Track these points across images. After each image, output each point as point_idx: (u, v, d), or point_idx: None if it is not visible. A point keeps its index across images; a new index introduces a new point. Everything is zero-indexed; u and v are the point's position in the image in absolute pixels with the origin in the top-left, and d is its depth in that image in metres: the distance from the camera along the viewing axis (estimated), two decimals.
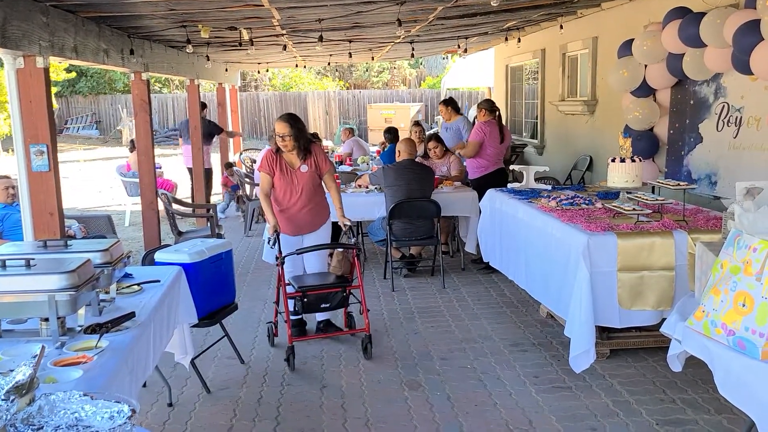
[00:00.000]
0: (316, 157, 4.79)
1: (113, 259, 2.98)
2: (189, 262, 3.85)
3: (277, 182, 4.74)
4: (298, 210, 4.79)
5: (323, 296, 4.56)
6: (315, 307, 4.57)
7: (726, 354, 2.43)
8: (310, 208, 4.82)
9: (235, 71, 13.56)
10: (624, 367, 4.27)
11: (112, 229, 6.65)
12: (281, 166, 4.74)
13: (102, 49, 5.81)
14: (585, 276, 3.94)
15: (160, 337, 3.08)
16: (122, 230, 9.13)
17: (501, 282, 6.26)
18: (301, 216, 4.82)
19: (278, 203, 4.79)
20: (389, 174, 6.29)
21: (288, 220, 4.81)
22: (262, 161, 4.80)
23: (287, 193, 4.76)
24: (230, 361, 4.57)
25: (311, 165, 4.77)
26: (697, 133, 5.64)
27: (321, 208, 4.93)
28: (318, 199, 4.87)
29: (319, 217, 4.91)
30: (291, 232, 4.85)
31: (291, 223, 4.83)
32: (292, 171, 4.75)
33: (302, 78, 28.53)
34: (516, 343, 4.80)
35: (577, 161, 8.67)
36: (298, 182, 4.75)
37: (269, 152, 4.80)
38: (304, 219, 4.83)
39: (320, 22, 6.46)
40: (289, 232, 4.84)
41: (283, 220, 4.79)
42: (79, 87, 25.58)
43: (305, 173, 4.76)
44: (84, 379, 2.18)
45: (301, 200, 4.77)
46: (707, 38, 4.82)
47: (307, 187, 4.77)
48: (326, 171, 4.84)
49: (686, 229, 4.11)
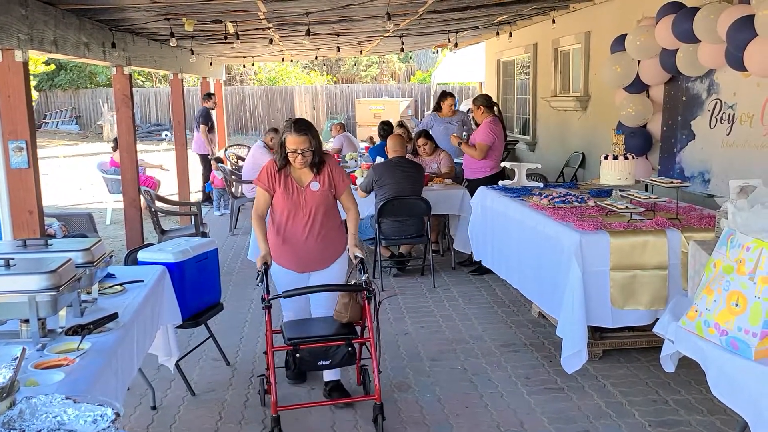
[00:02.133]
0: (331, 171, 3.88)
1: (95, 259, 2.97)
2: (173, 262, 3.85)
3: (279, 202, 3.82)
4: (305, 239, 3.84)
5: (322, 350, 3.57)
6: (312, 365, 3.63)
7: (719, 354, 2.46)
8: (321, 236, 3.86)
9: (219, 65, 13.51)
10: (617, 368, 4.31)
11: (94, 227, 6.62)
12: (286, 183, 3.82)
13: (83, 43, 5.77)
14: (577, 275, 3.97)
15: (144, 339, 3.08)
16: (103, 229, 9.08)
17: (492, 281, 6.29)
18: (309, 247, 3.85)
19: (279, 230, 3.86)
20: (378, 171, 6.30)
21: (292, 252, 3.85)
22: (261, 174, 3.88)
23: (292, 216, 3.83)
24: (216, 362, 4.56)
25: (324, 182, 3.85)
26: (689, 130, 5.69)
27: (335, 236, 3.94)
28: (331, 225, 3.91)
29: (332, 248, 3.93)
30: (296, 268, 3.90)
31: (296, 256, 3.86)
32: (299, 189, 3.82)
33: (289, 72, 28.46)
34: (507, 343, 4.83)
35: (569, 158, 8.72)
36: (306, 203, 3.82)
37: (271, 164, 3.88)
38: (312, 251, 3.87)
39: (308, 16, 6.45)
40: (294, 268, 3.89)
41: (285, 251, 3.86)
42: (58, 80, 25.38)
43: (317, 192, 3.83)
44: (66, 381, 2.18)
45: (310, 227, 3.83)
46: (701, 34, 4.87)
47: (319, 209, 3.84)
48: (344, 190, 3.92)
49: (679, 228, 4.16)
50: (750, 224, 2.50)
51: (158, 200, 7.34)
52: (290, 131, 3.72)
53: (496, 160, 6.72)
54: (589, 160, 8.25)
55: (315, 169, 3.84)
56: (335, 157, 9.30)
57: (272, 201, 3.87)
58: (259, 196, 3.88)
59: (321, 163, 3.85)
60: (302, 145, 3.72)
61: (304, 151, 3.72)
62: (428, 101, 22.49)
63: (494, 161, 6.70)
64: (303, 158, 3.74)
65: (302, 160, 3.75)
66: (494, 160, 6.70)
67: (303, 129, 3.73)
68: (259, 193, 3.89)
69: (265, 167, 3.91)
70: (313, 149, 3.75)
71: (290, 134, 3.72)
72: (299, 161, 3.75)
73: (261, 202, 3.88)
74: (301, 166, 3.79)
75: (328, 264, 3.93)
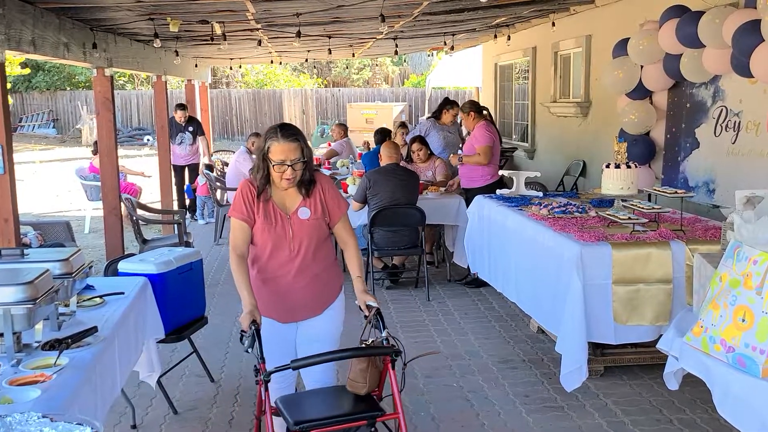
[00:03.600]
0: (323, 193, 3.20)
1: (74, 270, 2.97)
2: (155, 273, 3.84)
3: (259, 235, 3.13)
4: (292, 280, 3.15)
5: None
6: None
7: (725, 372, 2.47)
8: (313, 276, 3.17)
9: (205, 67, 13.52)
10: (619, 386, 4.32)
11: (71, 236, 6.59)
12: (266, 210, 3.13)
13: (62, 43, 5.77)
14: (578, 289, 3.99)
15: (127, 354, 3.07)
16: (82, 238, 9.04)
17: (489, 295, 6.30)
18: (297, 290, 3.16)
19: (260, 269, 3.16)
20: (371, 179, 6.31)
21: (275, 296, 3.16)
22: (236, 201, 3.16)
23: (276, 252, 3.13)
24: (199, 379, 4.54)
25: (316, 207, 3.17)
26: (694, 138, 5.74)
27: (330, 276, 3.26)
28: (325, 262, 3.23)
29: (326, 291, 3.24)
30: (279, 316, 3.18)
31: (280, 301, 3.17)
32: (283, 217, 3.13)
33: (277, 75, 28.51)
34: (505, 359, 4.83)
35: (569, 166, 8.76)
36: (294, 235, 3.12)
37: (247, 187, 3.16)
38: (302, 295, 3.17)
39: (298, 17, 6.47)
40: (277, 316, 3.17)
41: (267, 296, 3.14)
42: (35, 82, 25.31)
43: (306, 221, 3.14)
44: (43, 399, 2.17)
45: (299, 264, 3.13)
46: (706, 38, 4.92)
47: (310, 243, 3.16)
48: (340, 218, 3.24)
49: (684, 240, 4.18)
50: (757, 236, 2.52)
51: (140, 208, 7.33)
52: (276, 137, 3.04)
53: (495, 167, 6.76)
54: (589, 169, 8.29)
55: (304, 191, 3.15)
56: (326, 165, 9.26)
57: (252, 233, 3.15)
58: (236, 229, 3.12)
59: (311, 183, 3.17)
60: (292, 154, 3.03)
61: (294, 162, 3.03)
62: (423, 106, 22.57)
63: (493, 168, 6.74)
64: (293, 172, 3.05)
65: (291, 175, 3.05)
66: (493, 167, 6.74)
67: (293, 134, 3.07)
68: (235, 226, 3.13)
69: (240, 192, 3.16)
70: (304, 160, 3.08)
71: (276, 141, 3.03)
72: (287, 176, 3.05)
73: (239, 238, 3.10)
74: (288, 185, 3.10)
75: (321, 310, 3.22)
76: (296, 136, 3.08)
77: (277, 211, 3.14)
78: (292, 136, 3.07)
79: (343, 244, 3.28)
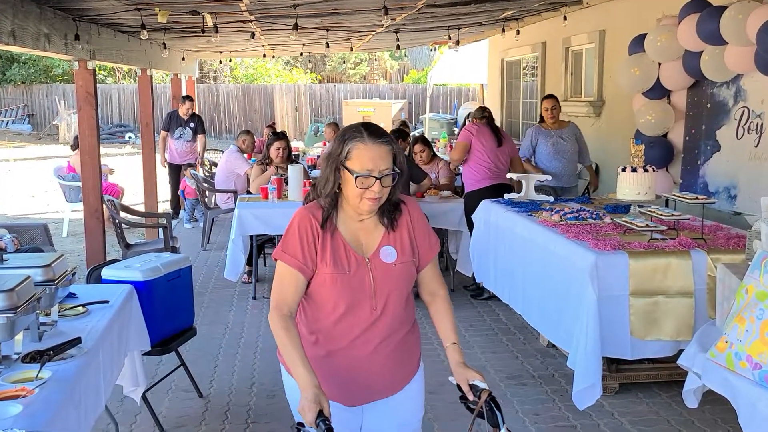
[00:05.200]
0: (412, 225, 2.43)
1: (56, 277, 2.96)
2: (142, 280, 3.84)
3: (326, 288, 2.31)
4: (372, 352, 2.36)
5: None
6: None
7: (752, 390, 2.48)
8: (395, 344, 2.41)
9: (192, 60, 13.53)
10: (635, 404, 4.32)
11: (50, 240, 6.57)
12: (335, 251, 2.31)
13: (43, 34, 5.77)
14: (592, 300, 3.99)
15: (111, 367, 3.06)
16: (59, 241, 9.02)
17: (496, 306, 6.30)
18: (377, 364, 2.38)
19: (320, 336, 2.36)
20: None
21: (346, 373, 2.37)
22: (290, 238, 2.32)
23: (351, 313, 2.33)
24: (187, 394, 4.53)
25: (403, 245, 2.39)
26: (714, 141, 5.76)
27: (412, 343, 2.51)
28: (409, 324, 2.48)
29: (408, 363, 2.50)
30: (346, 399, 2.38)
31: (351, 380, 2.38)
32: (360, 262, 2.33)
33: (268, 69, 28.55)
34: (513, 375, 4.83)
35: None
36: (376, 287, 2.33)
37: (306, 217, 2.33)
38: (379, 371, 2.39)
39: (295, 8, 6.49)
40: (342, 399, 2.36)
41: (329, 373, 2.34)
42: (9, 75, 25.29)
43: (392, 266, 2.36)
44: (24, 414, 2.17)
45: (384, 329, 2.36)
46: (728, 35, 4.94)
47: (399, 296, 2.38)
48: (431, 259, 2.48)
49: (705, 249, 4.19)
50: None
51: (123, 210, 7.32)
52: (362, 137, 2.26)
53: (483, 169, 6.57)
54: (603, 172, 8.30)
55: (387, 221, 2.38)
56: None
57: (310, 286, 2.34)
58: (284, 280, 2.30)
59: (397, 209, 2.40)
60: (383, 163, 2.25)
61: (384, 174, 2.25)
62: (424, 104, 22.60)
63: (480, 170, 6.57)
64: (380, 189, 2.25)
65: (378, 194, 2.25)
66: (482, 169, 6.56)
67: (383, 135, 2.29)
68: (284, 275, 2.31)
69: (296, 227, 2.32)
70: (398, 173, 2.30)
71: (362, 143, 2.25)
72: (372, 194, 2.25)
73: (289, 292, 2.29)
74: (370, 209, 2.30)
75: (402, 386, 2.46)
76: (388, 138, 2.30)
77: (351, 253, 2.32)
78: (383, 137, 2.29)
79: (430, 296, 2.51)
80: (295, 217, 2.35)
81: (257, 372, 4.91)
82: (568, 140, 7.08)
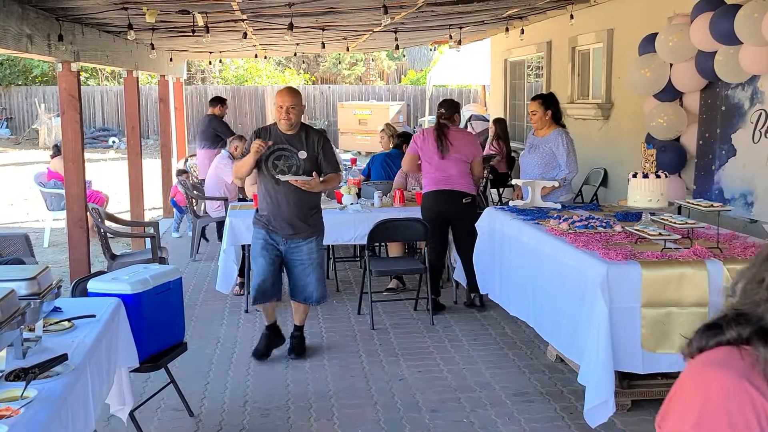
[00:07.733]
0: None
1: (41, 290, 2.97)
2: (130, 293, 3.84)
3: None
4: None
5: None
6: None
7: None
8: None
9: (180, 61, 13.56)
10: (648, 422, 4.32)
11: (30, 250, 6.57)
12: None
13: (25, 35, 5.78)
14: (603, 313, 4.00)
15: (100, 384, 3.06)
16: (41, 252, 9.02)
17: (501, 318, 6.30)
18: None
19: None
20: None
21: None
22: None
23: None
24: (177, 413, 4.53)
25: None
26: (729, 145, 5.79)
27: None
28: None
29: None
30: None
31: None
32: None
33: (259, 70, 28.58)
34: (520, 392, 4.84)
35: (588, 175, 8.81)
36: None
37: (738, 387, 1.15)
38: None
39: (290, 7, 6.51)
40: None
41: None
42: None
43: None
44: None
45: None
46: (743, 35, 4.97)
47: None
48: None
49: (721, 258, 4.20)
50: None
51: (108, 219, 7.32)
52: None
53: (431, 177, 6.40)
54: (611, 178, 8.34)
55: None
56: None
57: None
58: None
59: None
60: None
61: None
62: (423, 106, 22.66)
63: (429, 178, 6.42)
64: None
65: None
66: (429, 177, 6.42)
67: None
68: None
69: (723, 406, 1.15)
70: None
71: None
72: None
73: None
74: None
75: None
76: None
77: None
78: None
79: None
80: (714, 389, 1.18)
81: (250, 389, 4.91)
82: (536, 153, 6.39)
